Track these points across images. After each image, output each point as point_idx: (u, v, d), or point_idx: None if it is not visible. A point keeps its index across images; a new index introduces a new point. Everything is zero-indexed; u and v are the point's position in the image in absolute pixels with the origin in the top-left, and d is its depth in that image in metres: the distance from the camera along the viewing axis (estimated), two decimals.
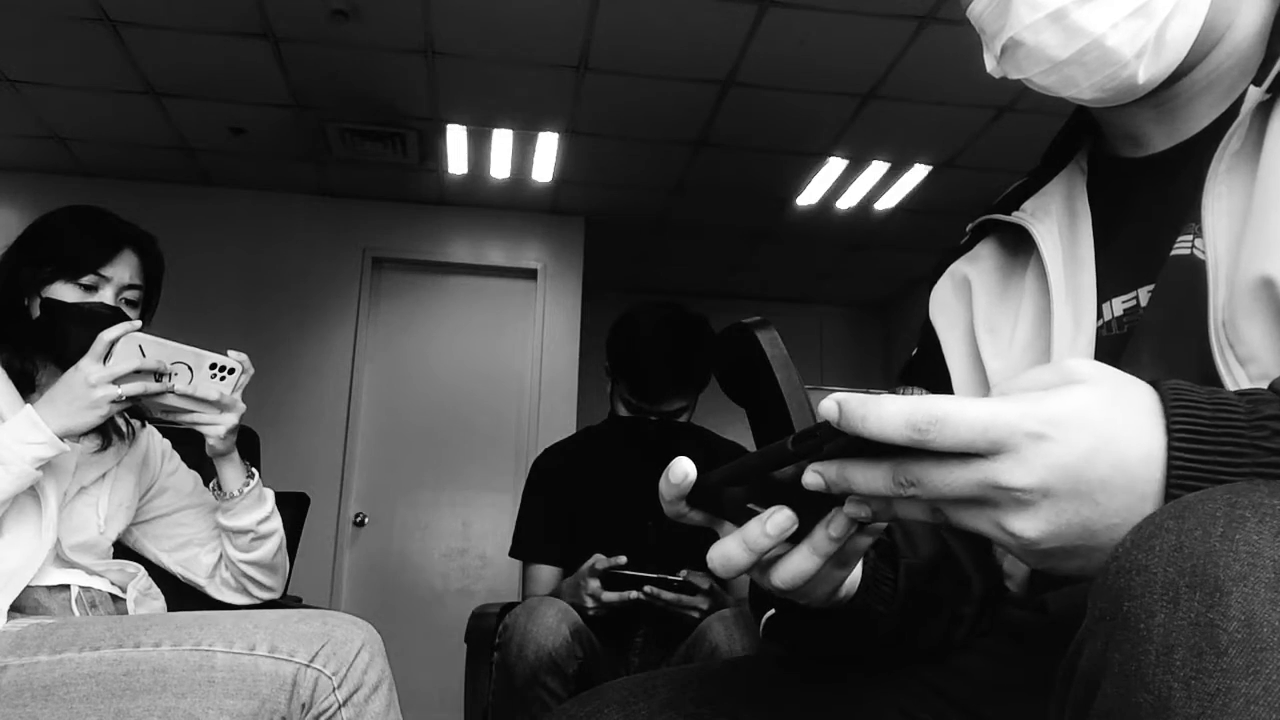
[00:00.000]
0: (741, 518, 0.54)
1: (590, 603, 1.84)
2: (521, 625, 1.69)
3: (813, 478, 0.48)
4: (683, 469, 0.54)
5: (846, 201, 4.71)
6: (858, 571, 0.65)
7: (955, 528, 0.48)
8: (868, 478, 0.47)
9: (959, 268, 0.90)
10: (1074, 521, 0.44)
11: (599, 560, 1.85)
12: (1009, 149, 3.95)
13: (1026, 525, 0.44)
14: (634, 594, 1.82)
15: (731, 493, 0.54)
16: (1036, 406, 0.44)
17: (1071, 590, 0.68)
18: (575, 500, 2.07)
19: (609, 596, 1.82)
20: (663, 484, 0.55)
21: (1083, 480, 0.43)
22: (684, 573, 1.82)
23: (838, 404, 0.45)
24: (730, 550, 0.53)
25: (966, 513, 0.46)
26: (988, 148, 4.04)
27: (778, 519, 0.52)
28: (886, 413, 0.44)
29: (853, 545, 0.55)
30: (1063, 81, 0.73)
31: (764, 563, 0.55)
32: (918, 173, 4.36)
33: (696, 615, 1.82)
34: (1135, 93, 0.73)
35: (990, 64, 0.79)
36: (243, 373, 1.46)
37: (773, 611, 0.74)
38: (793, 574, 0.54)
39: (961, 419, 0.43)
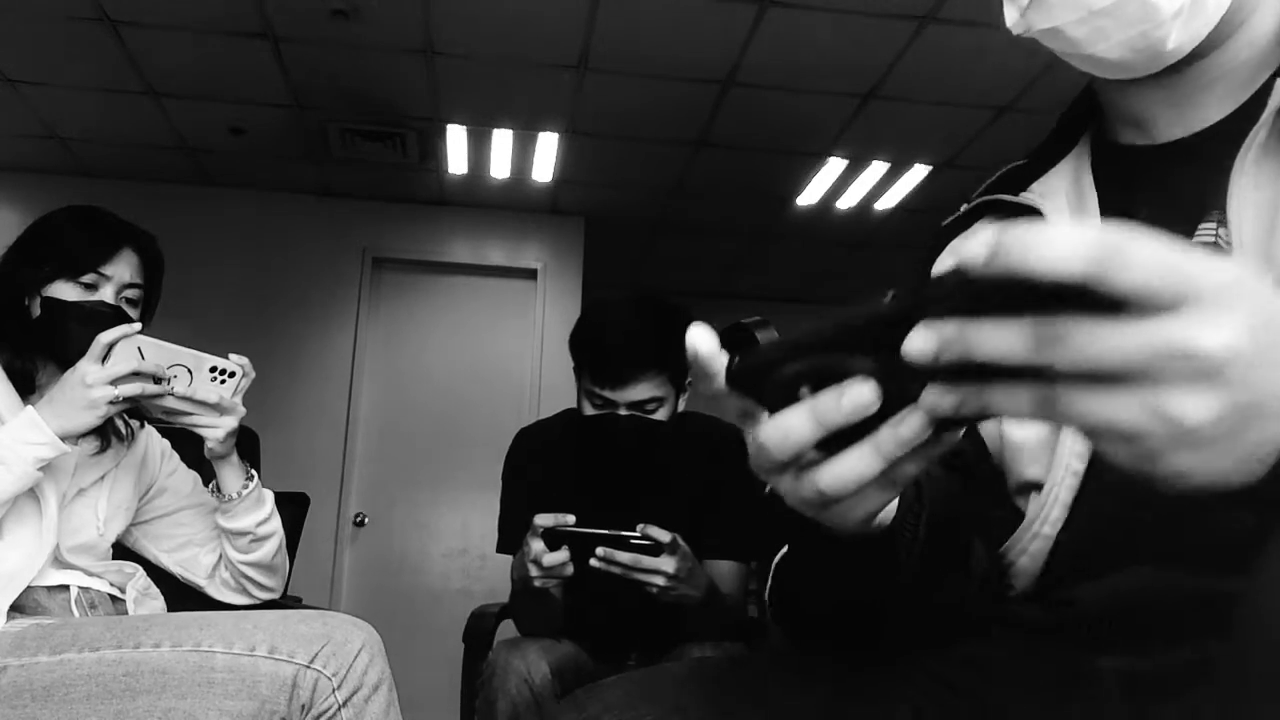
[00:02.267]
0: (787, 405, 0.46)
1: (535, 571, 1.57)
2: (503, 661, 1.66)
3: (923, 341, 0.39)
4: (694, 340, 0.47)
5: (846, 201, 4.71)
6: (892, 506, 0.61)
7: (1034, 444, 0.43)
8: (997, 340, 0.38)
9: (959, 246, 0.88)
10: (1254, 399, 0.36)
11: (541, 519, 1.58)
12: (1009, 149, 3.90)
13: (1198, 404, 0.36)
14: (565, 555, 1.56)
15: (785, 373, 0.45)
16: (1212, 262, 0.36)
17: (1115, 581, 0.68)
18: (555, 486, 1.89)
19: (551, 559, 1.56)
20: (692, 359, 0.48)
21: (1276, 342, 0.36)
22: (641, 527, 1.56)
23: (992, 240, 0.36)
24: (792, 424, 0.46)
25: (1103, 398, 0.37)
26: (988, 148, 4.04)
27: (858, 392, 0.44)
28: (1062, 242, 0.35)
29: (905, 466, 0.47)
30: (1092, 34, 0.72)
31: (804, 464, 0.48)
32: (918, 173, 4.36)
33: (660, 584, 1.57)
34: (1159, 61, 0.72)
35: (1012, 16, 0.77)
36: (243, 376, 1.46)
37: (785, 551, 0.71)
38: (846, 477, 0.46)
39: (1144, 254, 0.35)
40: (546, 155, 4.33)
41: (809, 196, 4.68)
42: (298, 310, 4.75)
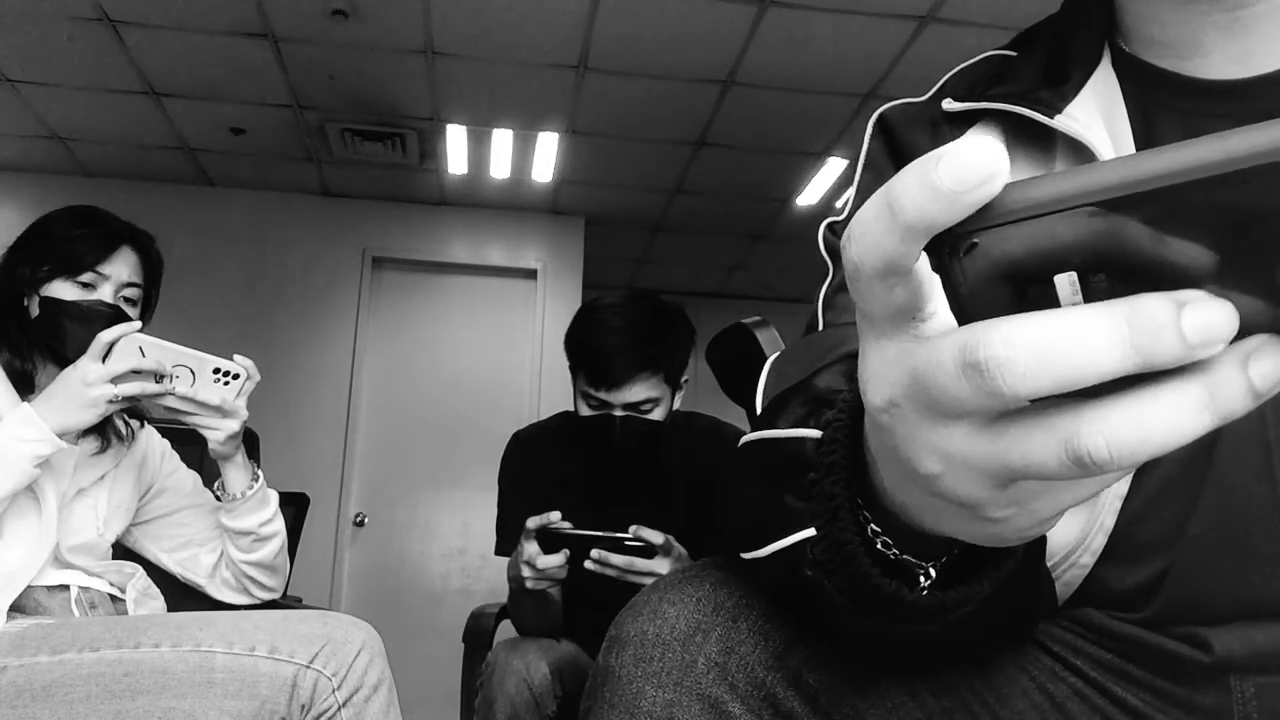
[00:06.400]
0: (1032, 302, 0.26)
1: (528, 572, 1.57)
2: (502, 661, 1.66)
3: None
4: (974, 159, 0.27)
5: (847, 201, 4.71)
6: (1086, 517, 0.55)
7: None
8: None
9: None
10: None
11: (531, 521, 1.58)
12: None
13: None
14: (565, 554, 1.56)
15: (1052, 235, 0.26)
16: None
17: (1245, 635, 0.60)
18: (552, 488, 1.88)
19: (547, 561, 1.56)
20: (935, 181, 0.27)
21: None
22: (633, 529, 1.55)
23: None
24: (1090, 344, 0.25)
25: None
26: None
27: (1208, 312, 0.24)
28: None
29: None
30: None
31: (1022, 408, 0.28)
32: None
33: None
34: None
35: None
36: (247, 379, 1.45)
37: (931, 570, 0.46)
38: (1153, 433, 0.25)
39: None
40: (546, 155, 4.33)
41: (809, 196, 4.68)
42: (298, 310, 4.75)
